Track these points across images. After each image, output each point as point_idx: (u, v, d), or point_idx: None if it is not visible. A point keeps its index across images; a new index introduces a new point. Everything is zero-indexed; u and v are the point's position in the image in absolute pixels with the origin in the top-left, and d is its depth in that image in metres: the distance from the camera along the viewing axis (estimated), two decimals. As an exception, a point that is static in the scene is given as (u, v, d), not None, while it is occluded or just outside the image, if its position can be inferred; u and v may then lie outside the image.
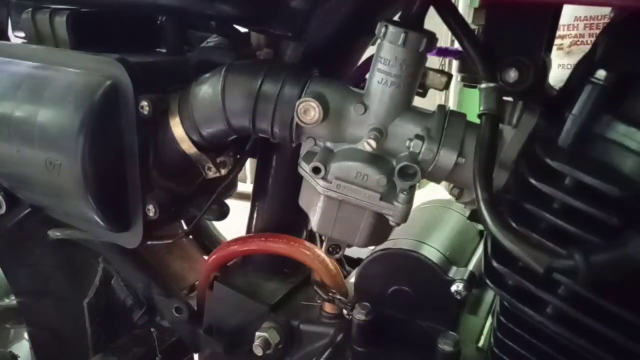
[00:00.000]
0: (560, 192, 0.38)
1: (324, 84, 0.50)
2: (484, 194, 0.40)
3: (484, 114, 0.43)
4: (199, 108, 0.54)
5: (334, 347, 0.62)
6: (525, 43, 0.43)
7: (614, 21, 0.44)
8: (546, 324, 0.41)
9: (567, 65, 2.04)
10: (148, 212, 0.58)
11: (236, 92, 0.51)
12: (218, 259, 0.68)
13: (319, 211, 0.51)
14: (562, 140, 0.39)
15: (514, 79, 0.43)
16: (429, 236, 0.65)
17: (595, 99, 0.37)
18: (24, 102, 0.56)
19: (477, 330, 0.65)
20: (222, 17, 0.60)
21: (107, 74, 0.53)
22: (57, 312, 0.84)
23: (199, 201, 0.63)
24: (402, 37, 0.44)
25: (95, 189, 0.53)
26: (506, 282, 0.43)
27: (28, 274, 0.83)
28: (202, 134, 0.55)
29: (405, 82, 0.46)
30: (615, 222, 0.36)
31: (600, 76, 0.37)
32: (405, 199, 0.47)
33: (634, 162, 0.37)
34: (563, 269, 0.36)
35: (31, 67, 0.58)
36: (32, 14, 0.62)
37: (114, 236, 0.60)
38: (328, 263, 0.63)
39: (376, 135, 0.46)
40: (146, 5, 0.59)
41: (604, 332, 0.38)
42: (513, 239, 0.37)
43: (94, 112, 0.52)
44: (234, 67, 0.53)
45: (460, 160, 0.46)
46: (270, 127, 0.51)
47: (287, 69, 0.51)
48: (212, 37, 0.65)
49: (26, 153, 0.56)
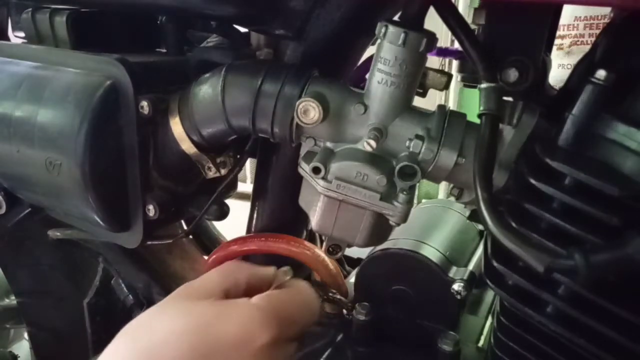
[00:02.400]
0: (560, 192, 0.38)
1: (324, 84, 0.50)
2: (484, 194, 0.40)
3: (484, 114, 0.43)
4: (199, 108, 0.54)
5: (334, 347, 0.62)
6: (525, 43, 0.43)
7: (614, 21, 0.44)
8: (546, 323, 0.41)
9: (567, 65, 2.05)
10: (148, 212, 0.58)
11: (236, 92, 0.51)
12: (218, 258, 0.68)
13: (319, 211, 0.51)
14: (562, 140, 0.39)
15: (514, 79, 0.43)
16: (429, 236, 0.65)
17: (595, 99, 0.37)
18: (24, 102, 0.56)
19: (477, 330, 0.65)
20: (222, 17, 0.60)
21: (107, 73, 0.53)
22: (57, 312, 0.84)
23: (199, 201, 0.63)
24: (402, 37, 0.44)
25: (95, 188, 0.53)
26: (506, 282, 0.43)
27: (28, 274, 0.83)
28: (202, 134, 0.55)
29: (405, 82, 0.46)
30: (615, 222, 0.36)
31: (600, 76, 0.37)
32: (405, 199, 0.47)
33: (633, 162, 0.37)
34: (563, 269, 0.36)
35: (31, 67, 0.58)
36: (32, 14, 0.62)
37: (114, 236, 0.60)
38: (328, 263, 0.63)
39: (376, 135, 0.46)
40: (146, 5, 0.59)
41: (604, 332, 0.38)
42: (513, 239, 0.37)
43: (94, 112, 0.52)
44: (234, 67, 0.53)
45: (460, 160, 0.46)
46: (270, 127, 0.51)
47: (287, 69, 0.51)
48: (212, 37, 0.65)
49: (26, 153, 0.56)
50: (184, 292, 0.48)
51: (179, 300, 0.47)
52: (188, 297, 0.47)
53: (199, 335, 0.42)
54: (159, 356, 0.41)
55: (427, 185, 3.01)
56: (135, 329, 0.44)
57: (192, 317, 0.44)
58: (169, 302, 0.47)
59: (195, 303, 0.46)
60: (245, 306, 0.45)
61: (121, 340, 0.43)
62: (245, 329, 0.43)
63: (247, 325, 0.43)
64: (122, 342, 0.43)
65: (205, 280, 0.50)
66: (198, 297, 0.47)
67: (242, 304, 0.46)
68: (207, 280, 0.50)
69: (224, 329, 0.43)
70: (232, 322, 0.43)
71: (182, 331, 0.42)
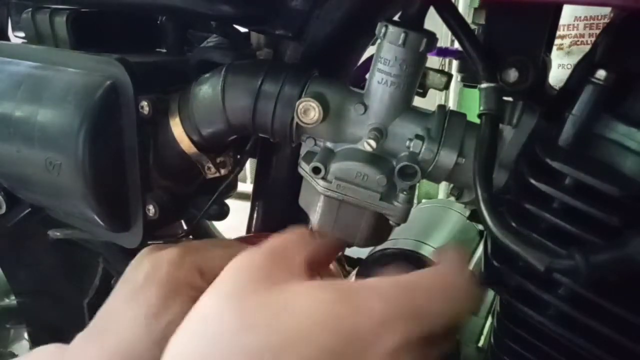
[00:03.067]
0: (560, 192, 0.38)
1: (324, 84, 0.50)
2: (484, 194, 0.40)
3: (484, 114, 0.43)
4: (199, 108, 0.54)
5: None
6: (525, 43, 0.43)
7: (614, 21, 0.44)
8: (546, 324, 0.41)
9: (567, 65, 2.05)
10: (148, 212, 0.58)
11: (236, 92, 0.51)
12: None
13: (319, 211, 0.51)
14: (562, 140, 0.39)
15: (514, 79, 0.43)
16: (429, 236, 0.65)
17: (595, 99, 0.37)
18: (24, 102, 0.56)
19: (477, 330, 0.66)
20: (222, 17, 0.60)
21: (107, 74, 0.53)
22: (57, 312, 0.84)
23: (199, 201, 0.63)
24: (402, 37, 0.44)
25: (95, 188, 0.53)
26: (506, 282, 0.43)
27: (28, 274, 0.83)
28: (202, 134, 0.55)
29: (405, 82, 0.46)
30: (615, 222, 0.36)
31: (600, 76, 0.37)
32: (405, 199, 0.47)
33: (633, 162, 0.37)
34: (563, 268, 0.36)
35: (31, 67, 0.58)
36: (32, 14, 0.62)
37: (114, 236, 0.60)
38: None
39: (376, 135, 0.46)
40: (146, 5, 0.59)
41: (604, 332, 0.38)
42: (513, 239, 0.37)
43: (94, 112, 0.52)
44: (234, 68, 0.53)
45: (460, 160, 0.46)
46: (270, 127, 0.51)
47: (287, 69, 0.51)
48: (212, 37, 0.65)
49: (26, 153, 0.56)
50: (267, 270, 0.36)
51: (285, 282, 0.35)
52: (277, 278, 0.36)
53: (330, 332, 0.32)
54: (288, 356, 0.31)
55: (427, 185, 3.01)
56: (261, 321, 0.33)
57: (323, 307, 0.33)
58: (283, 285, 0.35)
59: (312, 286, 0.35)
60: (368, 292, 0.34)
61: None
62: (371, 325, 0.32)
63: (375, 319, 0.32)
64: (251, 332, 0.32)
65: (284, 252, 0.38)
66: (289, 278, 0.36)
67: (362, 289, 0.34)
68: (288, 252, 0.38)
69: (356, 322, 0.32)
70: (361, 313, 0.32)
71: (315, 324, 0.32)
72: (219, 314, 0.34)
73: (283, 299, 0.34)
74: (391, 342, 0.32)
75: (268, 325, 0.32)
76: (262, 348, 0.31)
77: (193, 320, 0.35)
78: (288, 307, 0.33)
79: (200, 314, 0.35)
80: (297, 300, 0.34)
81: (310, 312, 0.33)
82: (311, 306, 0.33)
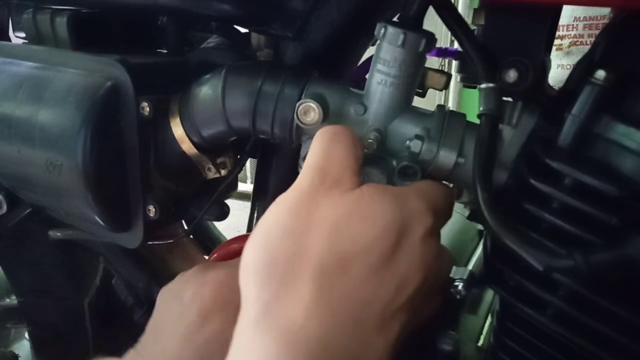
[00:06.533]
0: (560, 192, 0.38)
1: (324, 85, 0.50)
2: (484, 194, 0.40)
3: (483, 114, 0.43)
4: (199, 109, 0.54)
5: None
6: (525, 43, 0.43)
7: (614, 21, 0.44)
8: (546, 323, 0.41)
9: (567, 65, 2.05)
10: (148, 212, 0.58)
11: (236, 93, 0.52)
12: (218, 258, 0.68)
13: (319, 211, 0.51)
14: (562, 140, 0.39)
15: (513, 79, 0.43)
16: (429, 236, 0.65)
17: (595, 99, 0.38)
18: (25, 102, 0.56)
19: (477, 330, 0.65)
20: (223, 18, 0.60)
21: (108, 74, 0.53)
22: (57, 311, 0.84)
23: (199, 201, 0.63)
24: (401, 37, 0.44)
25: (96, 189, 0.53)
26: (506, 282, 0.43)
27: (29, 274, 0.83)
28: (203, 134, 0.55)
29: (405, 82, 0.46)
30: (615, 222, 0.36)
31: (600, 76, 0.37)
32: (405, 199, 0.47)
33: (633, 162, 0.37)
34: (563, 268, 0.36)
35: (32, 68, 0.58)
36: (32, 14, 0.62)
37: (115, 236, 0.60)
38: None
39: (376, 135, 0.47)
40: (147, 6, 0.59)
41: (604, 332, 0.38)
42: (513, 239, 0.37)
43: (95, 113, 0.52)
44: (234, 68, 0.53)
45: (460, 160, 0.46)
46: (271, 128, 0.51)
47: (286, 70, 0.51)
48: (212, 38, 0.65)
49: (27, 154, 0.56)
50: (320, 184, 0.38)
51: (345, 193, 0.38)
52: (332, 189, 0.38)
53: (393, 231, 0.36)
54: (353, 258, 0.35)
55: (427, 185, 3.00)
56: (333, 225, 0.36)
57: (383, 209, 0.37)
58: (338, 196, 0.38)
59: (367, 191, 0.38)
60: (414, 194, 0.39)
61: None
62: (411, 220, 0.37)
63: (414, 215, 0.38)
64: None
65: (336, 162, 0.40)
66: (348, 188, 0.39)
67: (410, 192, 0.40)
68: (338, 162, 0.40)
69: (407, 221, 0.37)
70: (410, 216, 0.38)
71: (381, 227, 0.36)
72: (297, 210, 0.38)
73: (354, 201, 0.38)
74: (422, 230, 0.38)
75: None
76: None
77: (270, 212, 0.39)
78: (360, 210, 0.37)
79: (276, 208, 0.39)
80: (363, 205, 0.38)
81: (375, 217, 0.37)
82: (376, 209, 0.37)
